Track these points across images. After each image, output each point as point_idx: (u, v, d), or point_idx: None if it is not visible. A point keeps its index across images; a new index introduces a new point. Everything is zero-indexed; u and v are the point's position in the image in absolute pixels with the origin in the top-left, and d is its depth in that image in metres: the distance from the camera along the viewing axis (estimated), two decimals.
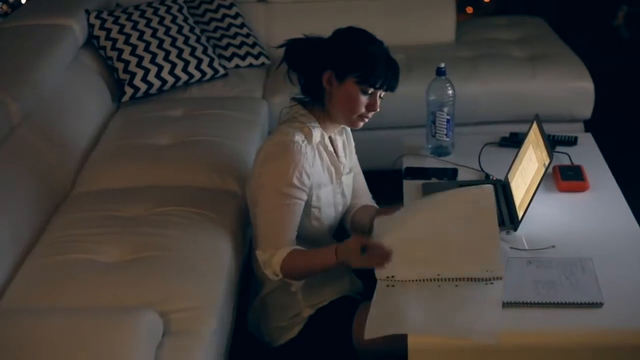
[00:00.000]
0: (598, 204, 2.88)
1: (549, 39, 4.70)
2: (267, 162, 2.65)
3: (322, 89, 2.68)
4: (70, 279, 2.56)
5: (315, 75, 2.68)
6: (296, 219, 2.64)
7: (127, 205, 3.00)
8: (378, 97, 2.68)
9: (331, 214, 2.83)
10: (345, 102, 2.66)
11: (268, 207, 2.62)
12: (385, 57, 2.66)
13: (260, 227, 2.64)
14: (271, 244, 2.59)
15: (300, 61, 2.72)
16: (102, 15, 4.10)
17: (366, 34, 2.71)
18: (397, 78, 2.68)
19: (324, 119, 2.73)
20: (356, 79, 2.62)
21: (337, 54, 2.65)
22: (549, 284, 2.39)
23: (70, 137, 3.42)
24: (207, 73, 4.18)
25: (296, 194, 2.61)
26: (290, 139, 2.62)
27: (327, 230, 2.84)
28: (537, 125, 2.84)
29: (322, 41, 2.71)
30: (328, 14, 4.69)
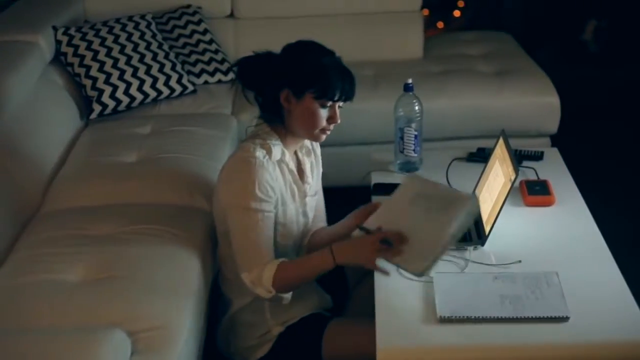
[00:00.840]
0: (564, 218, 2.90)
1: (515, 54, 4.74)
2: (230, 180, 2.65)
3: (281, 107, 2.68)
4: (37, 299, 2.55)
5: (271, 94, 2.67)
6: (271, 232, 2.63)
7: (95, 224, 2.99)
8: (337, 108, 2.69)
9: (294, 232, 2.83)
10: (305, 118, 2.65)
11: (242, 227, 2.60)
12: (340, 67, 2.66)
13: (238, 249, 2.61)
14: (255, 262, 2.57)
15: (254, 80, 2.71)
16: (70, 31, 4.09)
17: (317, 47, 2.70)
18: (353, 87, 2.67)
19: (285, 136, 2.73)
20: (314, 94, 2.61)
21: (291, 72, 2.64)
22: (515, 298, 2.41)
23: (38, 155, 3.41)
24: (175, 89, 4.18)
25: (264, 207, 2.60)
26: (250, 154, 2.61)
27: (292, 247, 2.83)
28: (503, 141, 2.87)
29: (273, 58, 2.70)
30: (296, 29, 4.67)
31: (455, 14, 6.48)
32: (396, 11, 4.78)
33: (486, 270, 2.58)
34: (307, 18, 4.75)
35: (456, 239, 2.48)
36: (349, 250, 2.52)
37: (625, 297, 2.45)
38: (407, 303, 2.46)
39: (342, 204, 3.09)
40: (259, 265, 2.57)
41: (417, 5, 4.79)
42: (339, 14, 4.75)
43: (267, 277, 2.55)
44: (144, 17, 4.34)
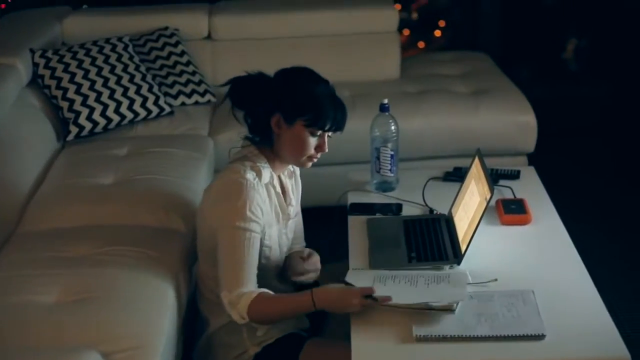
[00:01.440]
0: (540, 237, 2.91)
1: (492, 74, 4.77)
2: (219, 201, 2.64)
3: (271, 130, 2.68)
4: (12, 320, 2.54)
5: (262, 116, 2.68)
6: (256, 253, 2.62)
7: (71, 245, 2.98)
8: (326, 137, 2.70)
9: (278, 254, 2.83)
10: (294, 144, 2.67)
11: (229, 246, 2.58)
12: (333, 98, 2.68)
13: (223, 268, 2.59)
14: (236, 283, 2.55)
15: (246, 100, 2.72)
16: (47, 54, 4.08)
17: (312, 75, 2.71)
18: (345, 118, 2.70)
19: (273, 159, 2.74)
20: (305, 122, 2.63)
21: (285, 98, 2.65)
22: (492, 317, 2.41)
23: (15, 177, 3.40)
24: (152, 111, 4.18)
25: (252, 227, 2.59)
26: (242, 176, 2.62)
27: (274, 269, 2.83)
28: (478, 160, 2.88)
29: (267, 81, 2.71)
30: (274, 51, 4.71)
31: (436, 34, 6.52)
32: (373, 32, 4.81)
33: None
34: (285, 39, 4.77)
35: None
36: (332, 299, 2.53)
37: (601, 315, 2.46)
38: (384, 323, 2.45)
39: (319, 224, 3.10)
40: (240, 286, 2.55)
41: (394, 26, 4.82)
42: (316, 35, 4.78)
43: (244, 306, 2.53)
44: (121, 40, 4.34)
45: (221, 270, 2.60)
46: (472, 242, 2.68)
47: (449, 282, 2.57)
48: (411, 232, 2.92)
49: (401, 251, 2.82)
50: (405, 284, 2.58)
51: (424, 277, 2.60)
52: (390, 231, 2.95)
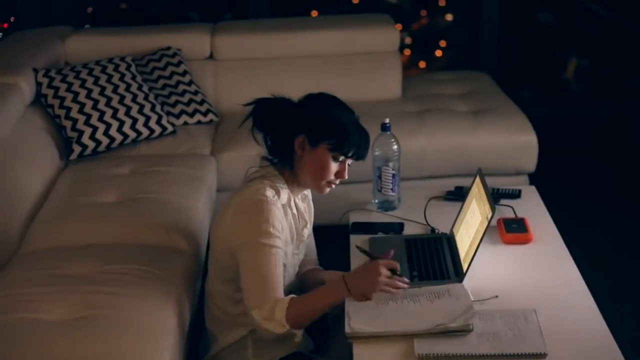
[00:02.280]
0: (541, 256, 2.91)
1: (492, 94, 4.78)
2: (241, 218, 2.65)
3: (292, 152, 2.71)
4: (14, 339, 2.54)
5: (285, 138, 2.71)
6: (281, 268, 2.63)
7: (73, 264, 2.99)
8: (347, 165, 2.72)
9: (291, 273, 2.85)
10: (315, 167, 2.69)
11: (254, 264, 2.59)
12: (359, 126, 2.72)
13: (250, 286, 2.59)
14: (266, 299, 2.56)
15: (269, 122, 2.74)
16: (50, 73, 4.10)
17: (340, 102, 2.76)
18: (367, 148, 2.74)
19: (291, 182, 2.76)
20: (330, 145, 2.66)
21: (312, 120, 2.68)
22: (493, 335, 2.41)
23: (18, 196, 3.41)
24: (155, 130, 4.20)
25: (276, 242, 2.61)
26: (262, 194, 2.64)
27: (286, 288, 2.84)
28: (480, 179, 2.89)
29: (292, 104, 2.74)
30: (276, 71, 4.73)
31: (437, 54, 6.55)
32: (374, 52, 4.82)
33: None
34: (286, 59, 4.78)
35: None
36: (361, 277, 2.56)
37: (603, 334, 2.46)
38: (386, 341, 2.45)
39: (320, 243, 3.10)
40: (269, 301, 2.56)
41: (394, 46, 4.83)
42: (318, 55, 4.80)
43: (280, 315, 2.54)
44: (123, 59, 4.36)
45: (247, 288, 2.59)
46: (474, 261, 2.69)
47: (450, 296, 2.57)
48: (413, 251, 2.93)
49: (403, 270, 2.82)
50: (409, 303, 2.58)
51: (425, 294, 2.61)
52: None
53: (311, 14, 6.21)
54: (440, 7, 6.60)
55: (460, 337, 2.42)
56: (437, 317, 2.47)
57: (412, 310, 2.53)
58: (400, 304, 2.55)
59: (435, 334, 2.43)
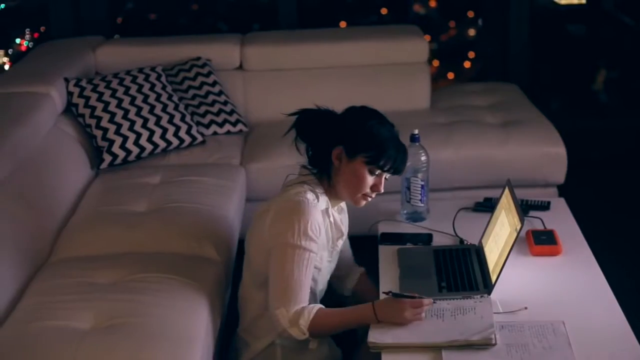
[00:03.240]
0: (571, 268, 2.91)
1: (521, 105, 4.76)
2: (280, 219, 2.68)
3: (330, 163, 2.74)
4: (45, 346, 2.56)
5: (324, 149, 2.74)
6: (311, 273, 2.68)
7: (104, 272, 3.00)
8: (383, 179, 2.73)
9: (324, 278, 2.88)
10: (351, 179, 2.72)
11: (287, 264, 2.63)
12: (397, 141, 2.75)
13: (278, 286, 2.64)
14: (294, 301, 2.61)
15: (311, 132, 2.78)
16: (81, 83, 4.14)
17: (380, 116, 2.78)
18: (404, 163, 2.77)
19: (329, 192, 2.80)
20: (366, 159, 2.69)
21: (350, 132, 2.72)
22: (522, 347, 2.42)
23: (48, 204, 3.44)
24: (185, 140, 4.22)
25: (312, 247, 2.64)
26: (303, 197, 2.68)
27: (319, 294, 2.86)
28: (509, 191, 2.89)
29: (334, 116, 2.78)
30: (305, 81, 4.75)
31: (465, 65, 6.54)
32: (403, 63, 4.82)
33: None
34: (316, 70, 4.79)
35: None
36: (389, 310, 2.57)
37: (632, 347, 2.46)
38: (415, 351, 2.46)
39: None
40: (298, 305, 2.60)
41: (424, 57, 4.83)
42: (347, 66, 4.80)
43: (306, 320, 2.58)
44: (154, 69, 4.39)
45: (276, 287, 2.64)
46: (503, 273, 2.69)
47: (475, 313, 2.57)
48: (441, 262, 2.94)
49: (431, 281, 2.83)
50: (432, 317, 2.59)
51: (450, 310, 2.61)
52: (421, 261, 2.97)
53: (339, 25, 6.22)
54: (468, 18, 6.60)
55: (488, 350, 2.42)
56: (456, 333, 2.47)
57: (434, 324, 2.55)
58: (424, 317, 2.56)
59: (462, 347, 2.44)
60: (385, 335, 2.51)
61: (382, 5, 6.41)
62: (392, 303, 2.58)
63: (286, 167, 2.91)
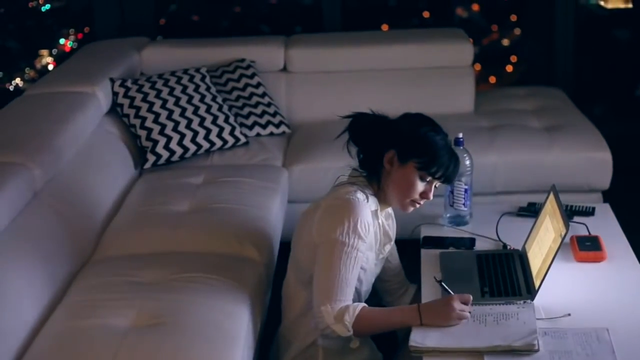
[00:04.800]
0: (615, 275, 2.88)
1: (566, 109, 4.73)
2: (330, 216, 2.69)
3: (381, 167, 2.74)
4: (88, 344, 2.58)
5: (376, 152, 2.75)
6: (357, 272, 2.68)
7: (146, 271, 3.03)
8: (433, 187, 2.74)
9: (370, 279, 2.87)
10: (401, 184, 2.72)
11: (334, 260, 2.64)
12: (450, 150, 2.75)
13: (324, 282, 2.64)
14: (340, 298, 2.61)
15: (364, 136, 2.79)
16: (126, 83, 4.17)
17: (435, 124, 2.79)
18: (456, 172, 2.77)
19: (378, 196, 2.80)
20: (418, 164, 2.69)
21: (404, 136, 2.72)
22: (565, 354, 2.39)
23: (93, 203, 3.47)
24: (228, 141, 4.24)
25: (360, 245, 2.65)
26: (353, 195, 2.69)
27: (363, 295, 2.86)
28: (553, 196, 2.87)
29: (388, 120, 2.79)
30: (348, 84, 4.75)
31: (507, 69, 6.51)
32: (448, 66, 4.81)
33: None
34: (359, 72, 4.79)
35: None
36: (435, 310, 2.57)
37: None
38: (456, 356, 2.45)
39: None
40: (343, 302, 2.61)
41: (468, 61, 4.81)
42: (390, 69, 4.80)
43: (350, 317, 2.59)
44: (198, 70, 4.42)
45: (322, 284, 2.64)
46: (546, 279, 2.66)
47: (518, 319, 2.56)
48: (484, 266, 2.92)
49: (474, 285, 2.81)
50: (474, 322, 2.57)
51: (492, 315, 2.59)
52: (463, 265, 2.95)
53: (381, 28, 6.22)
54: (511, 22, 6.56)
55: (530, 356, 2.40)
56: (499, 338, 2.46)
57: (476, 329, 2.53)
58: (466, 322, 2.55)
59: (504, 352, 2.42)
60: (427, 339, 2.50)
61: (425, 8, 6.40)
62: (438, 304, 2.57)
63: (329, 168, 2.92)
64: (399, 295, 3.08)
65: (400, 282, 3.09)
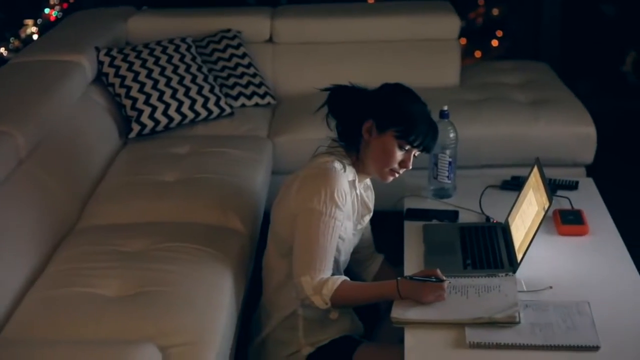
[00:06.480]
0: (597, 249, 2.90)
1: (552, 84, 4.73)
2: (306, 185, 2.70)
3: (360, 137, 2.74)
4: (71, 311, 2.59)
5: (355, 123, 2.75)
6: (336, 240, 2.69)
7: (130, 240, 3.02)
8: (412, 156, 2.74)
9: (348, 249, 2.88)
10: (380, 153, 2.72)
11: (313, 231, 2.64)
12: (428, 118, 2.75)
13: (303, 252, 2.65)
14: (319, 268, 2.62)
15: (343, 108, 2.79)
16: (112, 52, 4.15)
17: (413, 93, 2.79)
18: (434, 141, 2.76)
19: (357, 166, 2.80)
20: (396, 133, 2.68)
21: (382, 106, 2.72)
22: (546, 326, 2.41)
23: (77, 172, 3.46)
24: (213, 112, 4.22)
25: (338, 214, 2.65)
26: (330, 165, 2.69)
27: (342, 265, 2.87)
28: (537, 169, 2.87)
29: (367, 92, 2.78)
30: (334, 55, 4.73)
31: (493, 44, 6.51)
32: (433, 39, 4.80)
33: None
34: (345, 44, 4.78)
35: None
36: (412, 289, 2.56)
37: None
38: (437, 328, 2.46)
39: (375, 228, 3.11)
40: (323, 272, 2.62)
41: (454, 34, 4.81)
42: (377, 41, 4.79)
43: (329, 290, 2.60)
44: (184, 40, 4.40)
45: (301, 254, 2.66)
46: (529, 252, 2.68)
47: (499, 292, 2.57)
48: (467, 239, 2.93)
49: (456, 258, 2.83)
50: (456, 294, 2.59)
51: (474, 287, 2.61)
52: (446, 238, 2.96)
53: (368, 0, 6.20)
54: None
55: (512, 328, 2.42)
56: (480, 311, 2.47)
57: (458, 302, 2.55)
58: (447, 295, 2.56)
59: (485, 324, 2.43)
60: (408, 311, 2.51)
61: None
62: (416, 283, 2.58)
63: (313, 140, 2.90)
64: (365, 266, 3.10)
65: (368, 254, 3.11)
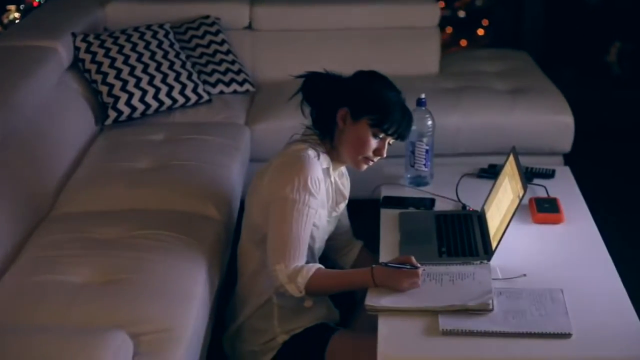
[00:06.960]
0: (572, 237, 2.90)
1: (531, 73, 4.73)
2: (279, 172, 2.69)
3: (334, 125, 2.73)
4: (42, 299, 2.57)
5: (329, 110, 2.74)
6: (310, 227, 2.69)
7: (104, 228, 3.01)
8: (387, 144, 2.73)
9: (322, 237, 2.87)
10: (354, 141, 2.72)
11: (286, 219, 2.64)
12: (402, 106, 2.74)
13: (277, 239, 2.64)
14: (293, 257, 2.62)
15: (317, 95, 2.78)
16: (88, 38, 4.12)
17: (387, 81, 2.78)
18: (409, 129, 2.77)
19: (331, 154, 2.79)
20: (371, 121, 2.68)
21: (357, 93, 2.72)
22: (519, 313, 2.41)
23: (52, 159, 3.44)
24: (190, 98, 4.20)
25: (312, 202, 2.65)
26: (304, 153, 2.68)
27: (317, 252, 2.87)
28: (513, 157, 2.87)
29: (341, 79, 2.78)
30: (314, 42, 4.72)
31: (479, 33, 6.50)
32: (413, 27, 4.80)
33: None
34: (325, 32, 4.77)
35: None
36: (387, 277, 2.56)
37: (629, 315, 2.46)
38: (410, 315, 2.46)
39: (351, 216, 3.11)
40: (297, 260, 2.62)
41: (434, 21, 4.80)
42: (356, 28, 4.77)
43: (303, 278, 2.60)
44: (162, 27, 4.37)
45: (275, 242, 2.65)
46: (503, 239, 2.68)
47: (473, 279, 2.57)
48: (443, 227, 2.93)
49: (432, 245, 2.82)
50: (431, 282, 2.58)
51: (449, 274, 2.61)
52: (422, 225, 2.96)
53: None
54: None
55: (485, 315, 2.42)
56: (454, 298, 2.47)
57: (432, 289, 2.55)
58: (422, 282, 2.56)
59: (459, 312, 2.43)
60: (383, 299, 2.51)
61: None
62: (390, 270, 2.57)
63: (292, 127, 2.89)
64: (343, 253, 3.10)
65: (346, 241, 3.10)
